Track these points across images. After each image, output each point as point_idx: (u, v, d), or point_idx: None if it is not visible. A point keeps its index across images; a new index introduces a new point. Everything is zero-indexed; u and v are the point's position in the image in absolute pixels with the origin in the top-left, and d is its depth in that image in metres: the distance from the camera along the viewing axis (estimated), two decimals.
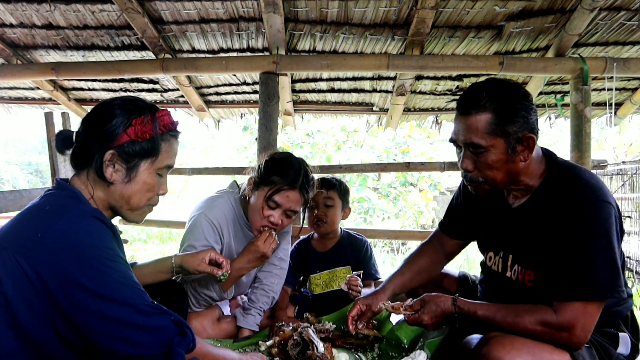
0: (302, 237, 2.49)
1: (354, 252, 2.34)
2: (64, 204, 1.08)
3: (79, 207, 1.09)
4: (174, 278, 1.78)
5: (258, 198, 1.88)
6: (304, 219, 2.29)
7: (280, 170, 1.87)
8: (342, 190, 2.32)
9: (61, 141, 1.22)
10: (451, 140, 1.49)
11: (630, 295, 1.51)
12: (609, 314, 1.42)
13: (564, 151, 3.07)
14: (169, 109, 4.24)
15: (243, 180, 2.10)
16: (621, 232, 1.38)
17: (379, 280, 2.35)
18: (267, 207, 1.86)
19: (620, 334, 1.45)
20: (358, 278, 2.07)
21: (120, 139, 1.15)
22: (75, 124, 3.22)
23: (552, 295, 1.33)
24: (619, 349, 1.43)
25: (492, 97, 1.37)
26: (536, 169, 1.45)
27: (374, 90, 3.75)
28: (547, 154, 1.50)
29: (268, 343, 1.74)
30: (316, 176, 2.40)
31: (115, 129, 1.15)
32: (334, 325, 1.88)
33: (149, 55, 3.38)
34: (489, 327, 1.38)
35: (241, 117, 4.32)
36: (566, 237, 1.32)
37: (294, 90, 3.79)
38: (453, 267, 2.03)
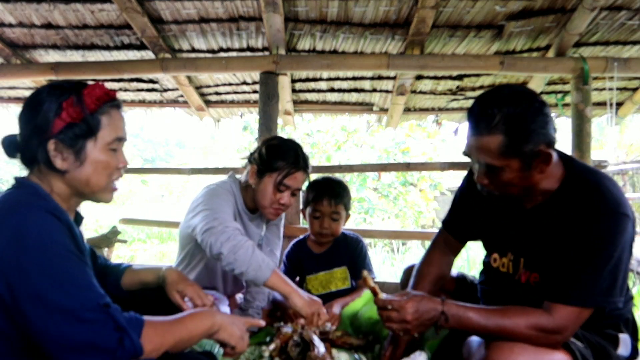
0: (299, 237, 2.48)
1: (349, 252, 2.32)
2: (18, 201, 1.06)
3: (34, 203, 1.06)
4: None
5: (267, 184, 1.93)
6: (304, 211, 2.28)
7: (282, 155, 1.94)
8: (347, 200, 2.27)
9: (7, 147, 1.19)
10: (465, 154, 1.45)
11: (632, 298, 1.50)
12: (610, 317, 1.41)
13: (564, 151, 3.06)
14: (169, 108, 4.22)
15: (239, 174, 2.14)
16: (633, 241, 1.36)
17: (374, 279, 2.33)
18: (278, 191, 1.93)
19: (621, 335, 1.44)
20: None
21: (55, 126, 1.12)
22: None
23: (549, 295, 1.33)
24: (619, 350, 1.42)
25: (504, 117, 1.29)
26: (553, 173, 1.41)
27: (374, 90, 3.74)
28: (564, 157, 1.46)
29: (271, 347, 1.73)
30: (317, 176, 2.40)
31: (47, 118, 1.12)
32: (334, 327, 1.88)
33: (148, 55, 3.38)
34: (478, 334, 1.36)
35: (241, 117, 4.32)
36: (579, 243, 1.31)
37: (293, 90, 3.79)
38: (452, 268, 2.02)
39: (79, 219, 1.29)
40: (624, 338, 1.44)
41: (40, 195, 1.11)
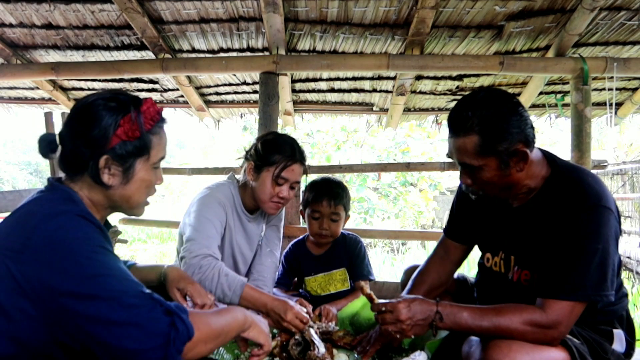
0: (298, 237, 2.48)
1: (348, 253, 2.31)
2: (54, 206, 1.06)
3: (68, 208, 1.06)
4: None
5: (265, 179, 1.95)
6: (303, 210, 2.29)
7: (278, 149, 1.96)
8: (347, 201, 2.27)
9: (46, 146, 1.17)
10: (448, 156, 1.52)
11: (626, 295, 1.52)
12: (603, 314, 1.44)
13: (564, 151, 3.07)
14: (169, 108, 4.20)
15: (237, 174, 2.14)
16: (618, 235, 1.39)
17: (372, 280, 2.32)
18: (276, 185, 1.95)
19: (615, 330, 1.46)
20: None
21: (111, 142, 1.10)
22: None
23: (540, 291, 1.35)
24: (613, 346, 1.44)
25: (478, 118, 1.36)
26: (537, 171, 1.45)
27: (374, 90, 3.75)
28: (548, 156, 1.51)
29: (272, 343, 1.74)
30: (318, 177, 2.40)
31: (104, 133, 1.09)
32: (337, 327, 1.88)
33: (148, 55, 3.38)
34: (474, 333, 1.37)
35: (241, 117, 4.33)
36: (564, 238, 1.34)
37: (294, 90, 3.79)
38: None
39: (108, 226, 1.30)
40: (618, 334, 1.46)
41: (74, 201, 1.10)
